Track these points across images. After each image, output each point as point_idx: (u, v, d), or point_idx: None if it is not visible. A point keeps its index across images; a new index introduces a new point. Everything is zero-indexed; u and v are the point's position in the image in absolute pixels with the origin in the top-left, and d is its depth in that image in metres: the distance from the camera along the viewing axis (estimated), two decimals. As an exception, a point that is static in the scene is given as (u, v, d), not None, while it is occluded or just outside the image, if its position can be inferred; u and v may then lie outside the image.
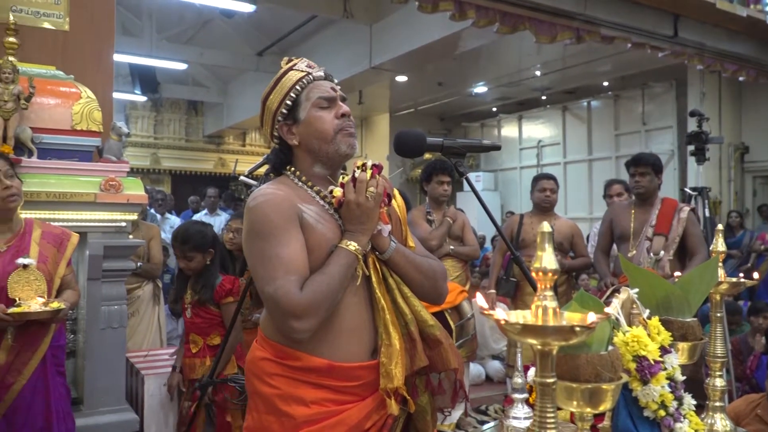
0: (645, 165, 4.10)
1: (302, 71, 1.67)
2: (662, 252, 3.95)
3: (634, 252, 4.05)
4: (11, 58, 3.10)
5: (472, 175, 11.23)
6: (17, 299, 2.42)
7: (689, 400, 1.33)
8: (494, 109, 13.55)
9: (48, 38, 3.75)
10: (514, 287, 4.64)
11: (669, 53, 7.47)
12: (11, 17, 3.23)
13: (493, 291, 4.65)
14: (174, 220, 7.76)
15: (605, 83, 11.14)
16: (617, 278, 4.02)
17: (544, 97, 12.24)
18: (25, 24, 3.57)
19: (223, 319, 3.12)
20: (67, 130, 3.26)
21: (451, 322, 3.92)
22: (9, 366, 2.42)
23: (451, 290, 3.84)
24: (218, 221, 8.06)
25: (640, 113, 11.01)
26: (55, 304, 2.47)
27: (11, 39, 3.17)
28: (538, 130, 13.05)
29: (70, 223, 3.03)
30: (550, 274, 0.88)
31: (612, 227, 4.27)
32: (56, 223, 2.88)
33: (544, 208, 4.70)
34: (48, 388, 2.52)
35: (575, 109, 12.26)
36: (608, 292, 1.41)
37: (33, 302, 2.43)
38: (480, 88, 11.70)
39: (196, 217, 8.17)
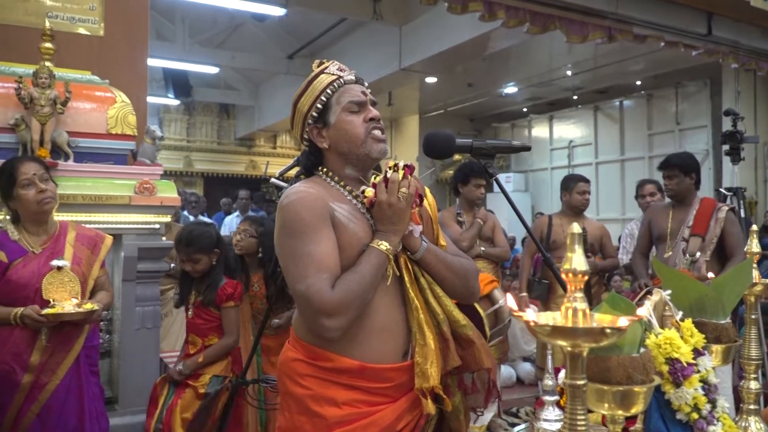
0: (671, 167, 4.06)
1: (333, 75, 1.67)
2: (698, 253, 3.87)
3: (670, 253, 3.98)
4: (48, 64, 3.17)
5: (502, 176, 11.18)
6: (51, 300, 2.46)
7: (723, 403, 1.31)
8: (525, 109, 13.46)
9: (83, 43, 3.83)
10: (546, 289, 4.59)
11: (703, 52, 7.35)
12: (47, 23, 3.29)
13: (525, 294, 4.61)
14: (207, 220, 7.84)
15: (638, 82, 10.99)
16: (653, 280, 3.96)
17: (575, 97, 12.13)
18: (61, 30, 3.65)
19: (222, 323, 3.05)
20: (103, 134, 3.33)
21: (482, 312, 3.89)
22: (43, 366, 2.46)
23: (481, 280, 3.83)
24: (249, 223, 8.14)
25: (674, 112, 10.84)
26: (88, 306, 2.49)
27: (47, 44, 3.24)
28: (569, 130, 12.92)
29: (105, 226, 3.09)
30: (580, 276, 0.87)
31: (651, 228, 4.21)
32: (92, 226, 2.93)
33: (579, 210, 4.68)
34: (81, 387, 2.56)
35: (607, 108, 12.12)
36: (641, 294, 1.39)
37: (67, 303, 2.46)
38: (510, 89, 11.64)
39: (228, 219, 8.27)
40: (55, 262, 2.49)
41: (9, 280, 2.46)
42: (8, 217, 2.58)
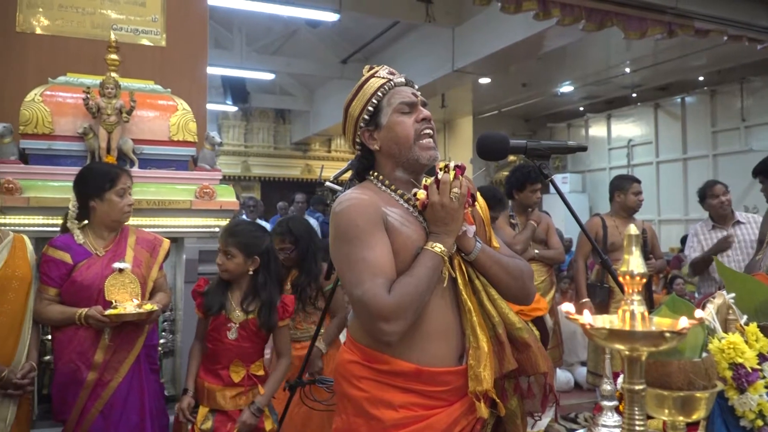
0: (757, 174, 4.10)
1: (383, 78, 1.69)
2: None
3: (761, 256, 3.86)
4: (113, 74, 3.28)
5: (558, 177, 10.99)
6: (113, 301, 2.53)
7: (789, 410, 1.26)
8: (581, 108, 13.22)
9: (146, 54, 3.96)
10: (608, 294, 4.49)
11: (768, 45, 7.08)
12: (112, 35, 3.41)
13: (587, 300, 4.51)
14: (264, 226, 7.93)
15: (700, 78, 10.65)
16: None
17: (634, 95, 11.84)
18: (125, 41, 3.78)
19: (274, 343, 2.75)
20: (165, 140, 3.42)
21: (535, 329, 3.84)
22: (106, 364, 2.54)
23: (538, 299, 3.81)
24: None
25: (739, 109, 10.46)
26: (148, 306, 2.56)
27: (113, 56, 3.35)
28: (628, 129, 12.62)
29: (167, 229, 3.18)
30: (638, 278, 0.86)
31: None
32: (155, 230, 3.02)
33: (634, 210, 4.60)
34: (142, 385, 2.63)
35: (668, 105, 11.78)
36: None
37: (128, 304, 2.53)
38: (566, 88, 11.45)
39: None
40: (117, 265, 2.56)
41: (74, 281, 2.56)
42: (75, 219, 2.68)
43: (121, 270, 2.57)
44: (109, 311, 2.48)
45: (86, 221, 2.68)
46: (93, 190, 2.62)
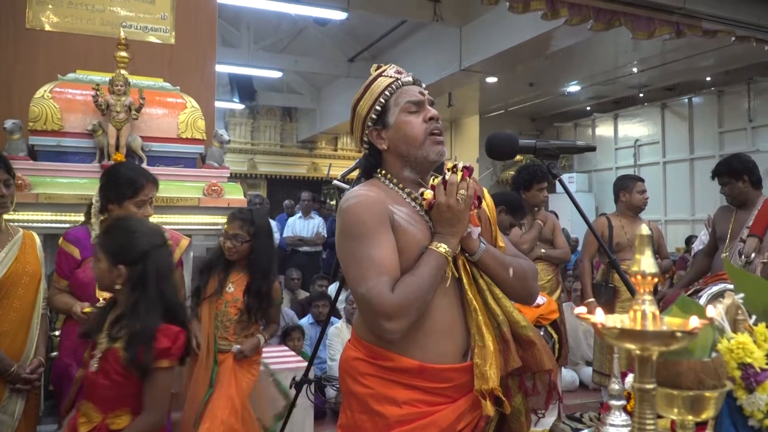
0: (720, 176, 4.10)
1: (391, 77, 1.70)
2: (753, 254, 3.76)
3: (726, 254, 3.92)
4: (123, 72, 3.30)
5: (565, 177, 10.97)
6: (101, 299, 2.51)
7: (798, 410, 1.26)
8: (588, 108, 13.18)
9: (156, 52, 3.98)
10: (613, 293, 4.50)
11: (777, 45, 7.05)
12: (122, 33, 3.43)
13: (592, 300, 4.51)
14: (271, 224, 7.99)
15: (708, 78, 10.61)
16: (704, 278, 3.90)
17: (641, 95, 11.80)
18: (135, 39, 3.80)
19: (144, 390, 1.93)
20: (174, 138, 3.44)
21: (554, 333, 3.84)
22: None
23: (550, 301, 3.83)
24: (311, 224, 8.28)
25: (746, 109, 10.42)
26: None
27: (123, 53, 3.37)
28: (635, 128, 12.58)
29: (176, 227, 3.20)
30: (649, 278, 0.87)
31: (715, 230, 4.16)
32: (163, 227, 3.03)
33: (639, 210, 4.62)
34: None
35: (675, 106, 11.74)
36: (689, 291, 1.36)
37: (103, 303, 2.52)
38: (573, 87, 11.42)
39: (291, 220, 8.39)
40: None
41: (77, 277, 2.59)
42: (98, 212, 2.69)
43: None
44: (87, 308, 2.49)
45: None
46: (114, 195, 2.63)
